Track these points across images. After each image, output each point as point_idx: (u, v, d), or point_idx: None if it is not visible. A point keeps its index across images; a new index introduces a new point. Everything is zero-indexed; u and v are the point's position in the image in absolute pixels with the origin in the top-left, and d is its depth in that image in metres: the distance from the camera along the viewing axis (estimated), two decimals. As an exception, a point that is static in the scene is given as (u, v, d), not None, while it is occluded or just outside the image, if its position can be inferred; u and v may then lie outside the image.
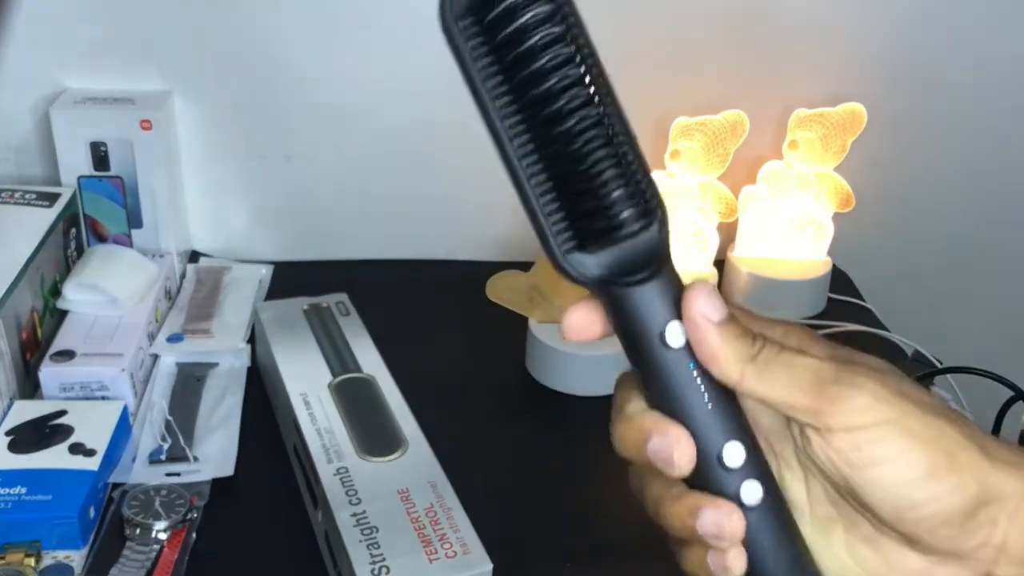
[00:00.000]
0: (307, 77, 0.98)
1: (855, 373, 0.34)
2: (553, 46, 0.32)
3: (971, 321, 1.19)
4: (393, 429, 0.70)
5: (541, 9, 0.31)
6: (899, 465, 0.33)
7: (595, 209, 0.33)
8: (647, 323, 0.34)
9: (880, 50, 1.04)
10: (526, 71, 0.32)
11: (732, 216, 1.03)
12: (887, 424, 0.33)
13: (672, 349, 0.34)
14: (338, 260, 1.06)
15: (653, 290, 0.34)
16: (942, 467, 0.33)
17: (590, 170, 0.32)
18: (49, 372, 0.77)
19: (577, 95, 0.32)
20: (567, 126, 0.32)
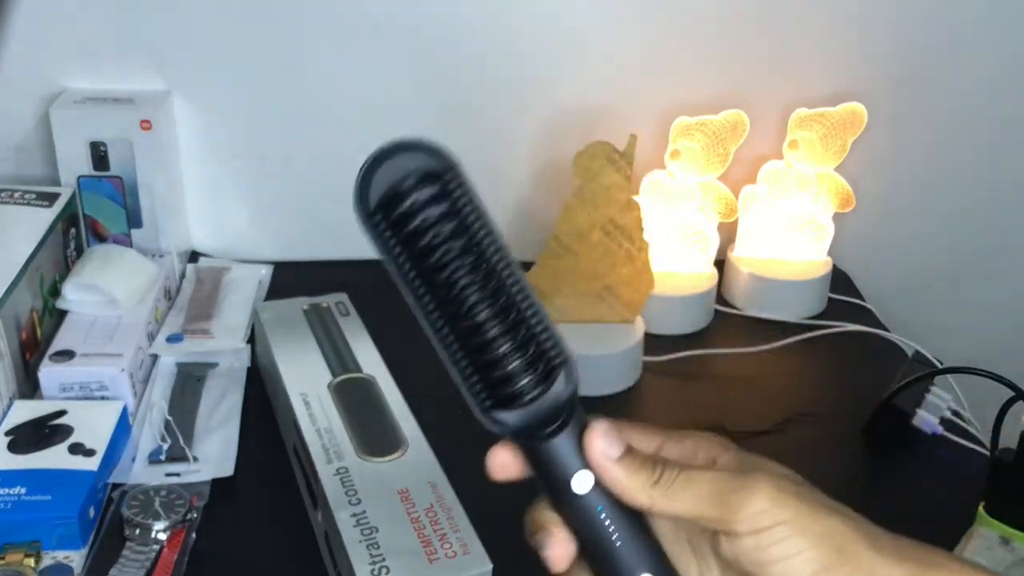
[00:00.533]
0: (307, 77, 0.98)
1: (754, 480, 0.38)
2: (444, 242, 0.36)
3: (971, 321, 1.19)
4: (393, 429, 0.70)
5: (434, 210, 0.35)
6: (796, 562, 0.37)
7: (499, 379, 0.37)
8: (557, 474, 0.38)
9: (880, 50, 1.04)
10: (426, 260, 0.36)
11: (732, 216, 1.03)
12: (784, 525, 0.37)
13: (580, 496, 0.38)
14: (338, 260, 1.06)
15: (560, 444, 0.38)
16: (833, 563, 0.37)
17: (487, 347, 0.36)
18: (49, 372, 0.77)
19: (465, 282, 0.36)
20: (461, 310, 0.36)
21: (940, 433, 0.82)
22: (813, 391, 0.92)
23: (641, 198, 0.97)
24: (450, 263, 0.36)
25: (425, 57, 0.97)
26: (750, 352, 0.94)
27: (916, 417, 0.82)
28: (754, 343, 0.96)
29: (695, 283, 0.99)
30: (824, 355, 0.97)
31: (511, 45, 0.99)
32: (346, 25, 0.95)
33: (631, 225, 0.91)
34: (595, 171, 0.90)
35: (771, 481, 0.38)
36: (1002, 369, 0.77)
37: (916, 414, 0.82)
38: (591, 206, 0.90)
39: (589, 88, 1.02)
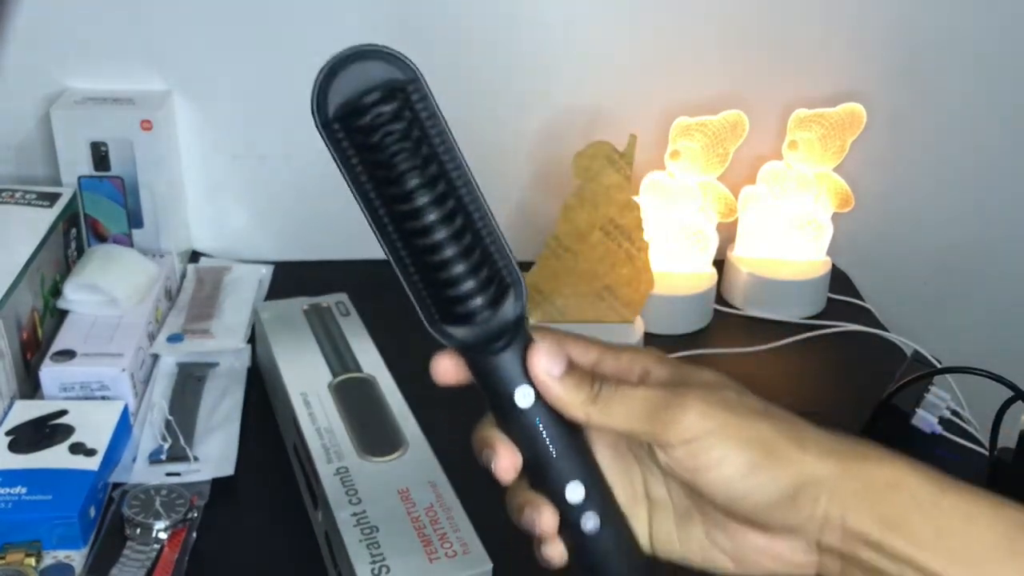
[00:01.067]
0: (307, 77, 0.97)
1: (683, 395, 0.40)
2: (402, 156, 0.36)
3: (971, 321, 1.19)
4: (393, 429, 0.70)
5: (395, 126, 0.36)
6: (725, 467, 0.40)
7: (448, 297, 0.38)
8: (500, 387, 0.40)
9: (880, 50, 1.04)
10: (384, 175, 0.36)
11: (732, 216, 1.03)
12: (711, 435, 0.40)
13: (521, 409, 0.40)
14: (338, 260, 1.06)
15: (505, 359, 0.40)
16: (760, 464, 0.40)
17: (442, 266, 0.37)
18: (49, 372, 0.77)
19: (425, 198, 0.36)
20: (418, 227, 0.37)
21: (939, 433, 0.83)
22: (812, 391, 0.92)
23: (641, 198, 0.97)
24: (408, 180, 0.36)
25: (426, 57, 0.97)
26: (749, 352, 0.95)
27: (915, 417, 0.82)
28: (753, 343, 0.96)
29: (695, 283, 0.99)
30: (823, 355, 0.97)
31: (511, 45, 0.99)
32: (347, 25, 0.96)
33: (631, 225, 0.91)
34: (595, 171, 0.90)
35: (699, 395, 0.40)
36: (1001, 369, 0.77)
37: (915, 414, 0.82)
38: (591, 206, 0.90)
39: (589, 88, 1.02)
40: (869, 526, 0.39)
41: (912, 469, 0.40)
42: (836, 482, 0.39)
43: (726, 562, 0.44)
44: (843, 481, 0.40)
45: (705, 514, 0.44)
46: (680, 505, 0.44)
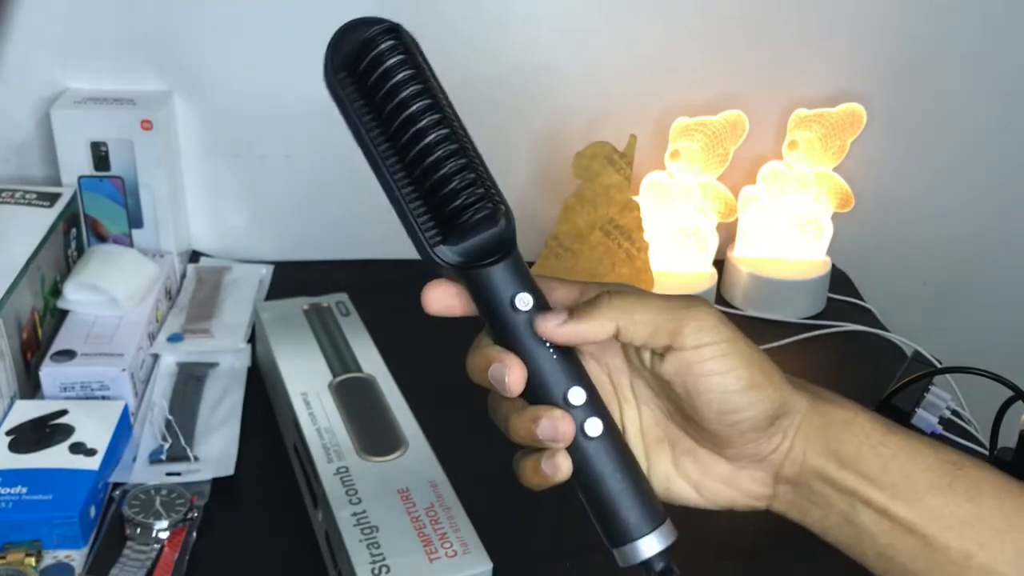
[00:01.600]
0: (307, 77, 0.97)
1: (697, 305, 0.43)
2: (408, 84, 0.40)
3: (971, 321, 1.19)
4: (393, 429, 0.70)
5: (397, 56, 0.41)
6: (730, 377, 0.42)
7: (455, 209, 0.41)
8: (500, 294, 0.43)
9: (880, 50, 1.04)
10: (389, 106, 0.40)
11: (732, 216, 1.03)
12: (725, 342, 0.42)
13: (521, 312, 0.43)
14: (338, 260, 1.06)
15: (503, 269, 0.43)
16: (759, 382, 0.43)
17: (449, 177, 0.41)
18: (49, 372, 0.77)
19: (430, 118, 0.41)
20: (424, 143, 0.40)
21: (939, 433, 0.83)
22: (813, 391, 0.92)
23: (641, 198, 0.98)
24: (414, 103, 0.40)
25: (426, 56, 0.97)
26: (750, 352, 0.94)
27: (915, 417, 0.82)
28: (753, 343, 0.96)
29: (694, 283, 0.99)
30: (823, 355, 0.97)
31: (511, 46, 0.99)
32: (346, 25, 0.96)
33: (631, 225, 0.91)
34: (595, 171, 0.90)
35: (712, 308, 0.43)
36: (1001, 369, 0.77)
37: (915, 414, 0.82)
38: (591, 206, 0.90)
39: (589, 88, 1.02)
40: (825, 460, 0.43)
41: (864, 411, 0.45)
42: (806, 416, 0.44)
43: (688, 491, 0.47)
44: (810, 416, 0.44)
45: (675, 442, 0.47)
46: (651, 435, 0.47)
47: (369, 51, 0.41)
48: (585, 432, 0.43)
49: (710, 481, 0.46)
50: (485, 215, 0.41)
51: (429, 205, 0.41)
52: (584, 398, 0.43)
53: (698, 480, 0.46)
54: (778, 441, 0.44)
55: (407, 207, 0.41)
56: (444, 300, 0.44)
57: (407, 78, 0.40)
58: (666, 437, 0.47)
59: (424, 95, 0.41)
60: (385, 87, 0.40)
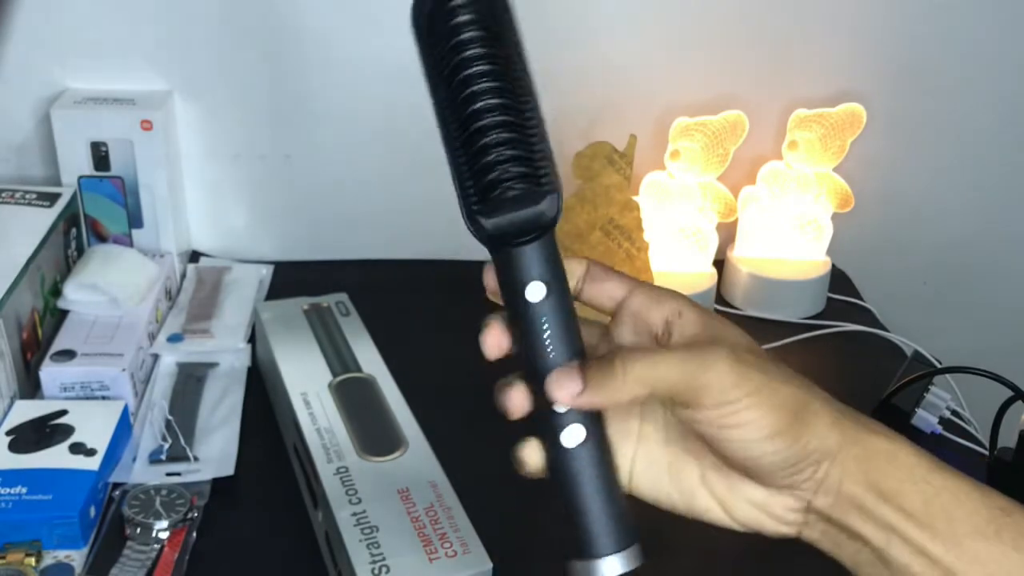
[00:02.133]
0: (307, 77, 0.98)
1: (716, 357, 0.40)
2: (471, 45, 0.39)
3: (971, 321, 1.19)
4: (393, 429, 0.70)
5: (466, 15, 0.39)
6: (751, 428, 0.40)
7: (490, 181, 0.40)
8: (516, 279, 0.42)
9: (880, 50, 1.04)
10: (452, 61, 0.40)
11: (732, 216, 1.03)
12: (746, 398, 0.40)
13: (530, 304, 0.42)
14: (338, 260, 1.06)
15: (527, 253, 0.41)
16: (783, 428, 0.40)
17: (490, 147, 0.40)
18: (49, 372, 0.77)
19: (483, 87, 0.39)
20: (473, 108, 0.39)
21: (939, 433, 0.83)
22: (813, 391, 0.92)
23: (641, 198, 0.97)
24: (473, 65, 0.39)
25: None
26: (750, 352, 0.94)
27: (915, 417, 0.82)
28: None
29: (694, 283, 0.99)
30: (823, 355, 0.97)
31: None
32: (347, 25, 0.96)
33: (631, 225, 0.91)
34: (595, 171, 0.90)
35: (733, 356, 0.41)
36: (1001, 369, 0.77)
37: (915, 414, 0.82)
38: (591, 206, 0.90)
39: (589, 89, 1.02)
40: (863, 492, 0.41)
41: (909, 445, 0.42)
42: (840, 449, 0.41)
43: (715, 508, 0.44)
44: (846, 447, 0.41)
45: (704, 458, 0.44)
46: (678, 447, 0.45)
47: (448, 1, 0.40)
48: (559, 440, 0.42)
49: (739, 502, 0.44)
50: (516, 194, 0.40)
51: (472, 171, 0.40)
52: None
53: (726, 499, 0.44)
54: (810, 472, 0.41)
55: (454, 165, 0.41)
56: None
57: (472, 38, 0.39)
58: (693, 449, 0.45)
59: (486, 59, 0.39)
60: (451, 41, 0.40)
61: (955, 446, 0.83)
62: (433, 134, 0.42)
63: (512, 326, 0.43)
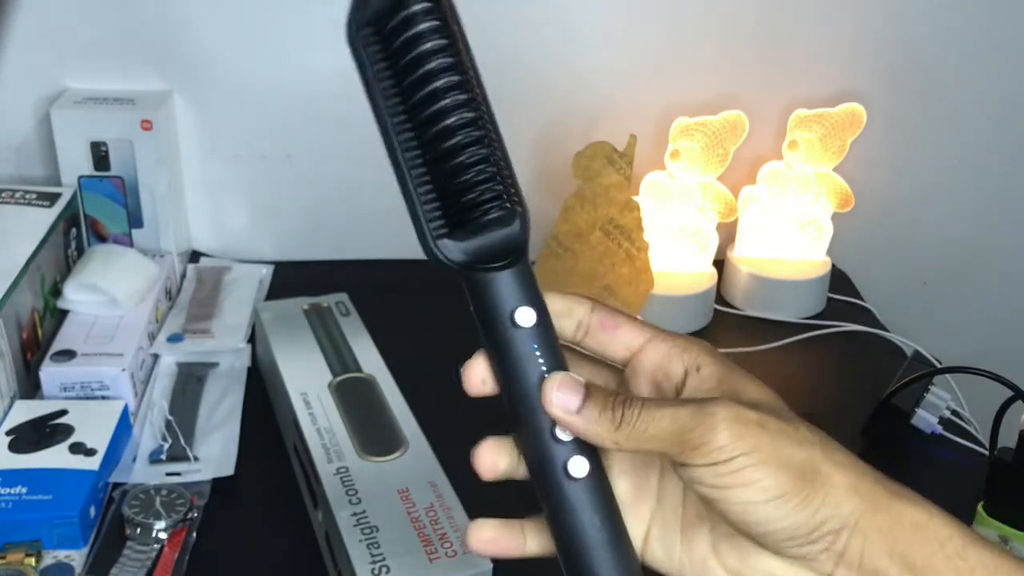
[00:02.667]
0: (307, 76, 0.98)
1: (713, 414, 0.37)
2: (437, 55, 0.36)
3: (971, 321, 1.19)
4: (393, 429, 0.70)
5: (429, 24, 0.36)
6: (752, 490, 0.36)
7: (467, 203, 0.37)
8: (500, 305, 0.39)
9: (880, 50, 1.04)
10: (414, 75, 0.36)
11: (732, 216, 1.03)
12: (743, 457, 0.36)
13: (520, 328, 0.39)
14: (338, 260, 1.06)
15: (508, 277, 0.38)
16: (789, 490, 0.36)
17: (465, 167, 0.37)
18: (49, 372, 0.77)
19: (456, 99, 0.36)
20: (445, 124, 0.36)
21: (939, 433, 0.83)
22: (812, 391, 0.92)
23: (641, 198, 0.97)
24: (441, 78, 0.36)
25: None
26: (749, 352, 0.95)
27: (915, 417, 0.82)
28: (753, 343, 0.96)
29: (695, 283, 0.99)
30: (823, 355, 0.97)
31: (511, 45, 0.99)
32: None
33: (631, 225, 0.91)
34: (595, 171, 0.90)
35: (732, 413, 0.37)
36: (1001, 369, 0.77)
37: (915, 414, 0.82)
38: (591, 206, 0.90)
39: (589, 89, 1.02)
40: (888, 565, 0.37)
41: (940, 514, 0.38)
42: (860, 517, 0.37)
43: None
44: (868, 516, 0.37)
45: (717, 524, 0.41)
46: (691, 511, 0.42)
47: (402, 9, 0.36)
48: (567, 471, 0.39)
49: (752, 574, 0.40)
50: (499, 216, 0.37)
51: (440, 193, 0.37)
52: None
53: (738, 570, 0.40)
54: (827, 543, 0.37)
55: (415, 191, 0.37)
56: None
57: (437, 48, 0.36)
58: (707, 517, 0.41)
59: (453, 71, 0.36)
60: (412, 53, 0.36)
61: (955, 446, 0.83)
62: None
63: (496, 358, 0.40)
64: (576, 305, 0.41)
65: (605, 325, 0.41)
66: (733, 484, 0.37)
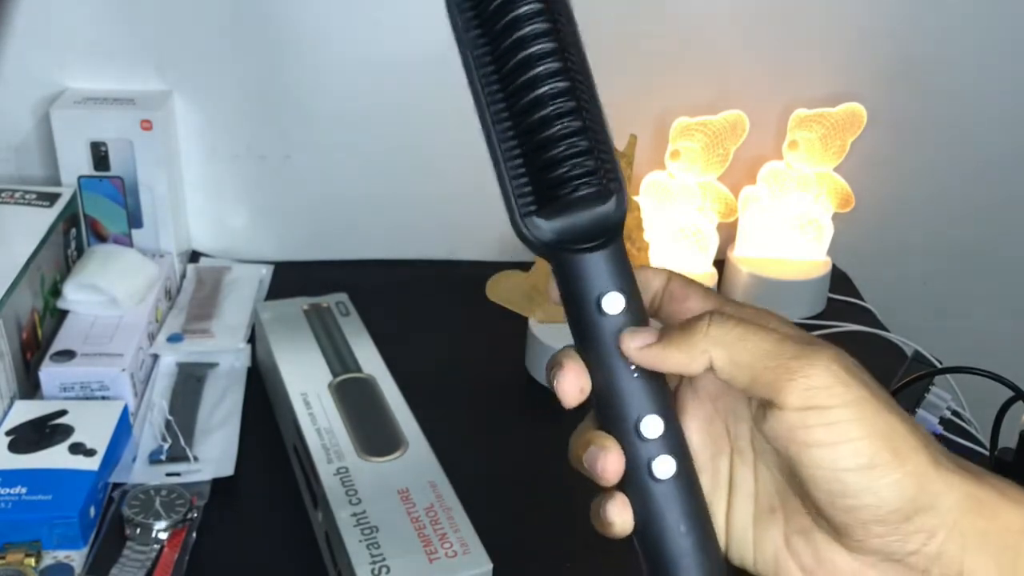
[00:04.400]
0: (307, 77, 0.98)
1: (818, 353, 0.34)
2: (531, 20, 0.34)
3: (971, 321, 1.19)
4: (393, 429, 0.70)
5: None
6: (843, 451, 0.33)
7: (556, 178, 0.35)
8: (587, 289, 0.36)
9: (880, 50, 1.04)
10: (507, 41, 0.34)
11: (732, 216, 1.03)
12: (841, 408, 0.33)
13: (607, 316, 0.36)
14: (338, 260, 1.06)
15: (598, 260, 0.36)
16: (884, 461, 0.33)
17: (556, 139, 0.34)
18: (49, 372, 0.77)
19: (548, 67, 0.34)
20: (536, 93, 0.34)
21: (940, 433, 0.83)
22: (813, 391, 0.92)
23: (641, 198, 0.97)
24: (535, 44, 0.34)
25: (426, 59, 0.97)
26: (750, 352, 0.94)
27: (916, 417, 0.82)
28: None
29: (695, 283, 0.99)
30: (824, 355, 0.97)
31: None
32: (347, 25, 0.96)
33: (631, 225, 0.91)
34: (595, 171, 0.90)
35: (839, 360, 0.34)
36: (1002, 369, 0.77)
37: (916, 414, 0.82)
38: (591, 206, 0.90)
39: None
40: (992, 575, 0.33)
41: None
42: (962, 516, 0.33)
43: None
44: (970, 517, 0.33)
45: (792, 515, 0.37)
46: (765, 500, 0.38)
47: None
48: (652, 472, 0.36)
49: (828, 572, 0.36)
50: (589, 192, 0.35)
51: (531, 167, 0.35)
52: (661, 430, 0.36)
53: (812, 569, 0.36)
54: (919, 542, 0.33)
55: (504, 164, 0.35)
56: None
57: (532, 12, 0.34)
58: (781, 507, 0.38)
59: (548, 37, 0.34)
60: (506, 18, 0.34)
61: (955, 446, 0.83)
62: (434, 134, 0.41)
63: (583, 347, 0.37)
64: (653, 277, 0.39)
65: (674, 295, 0.39)
66: (825, 440, 0.33)
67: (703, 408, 0.39)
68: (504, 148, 0.35)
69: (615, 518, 0.37)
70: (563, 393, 0.37)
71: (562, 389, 0.37)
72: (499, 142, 0.35)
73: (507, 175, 0.35)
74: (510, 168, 0.35)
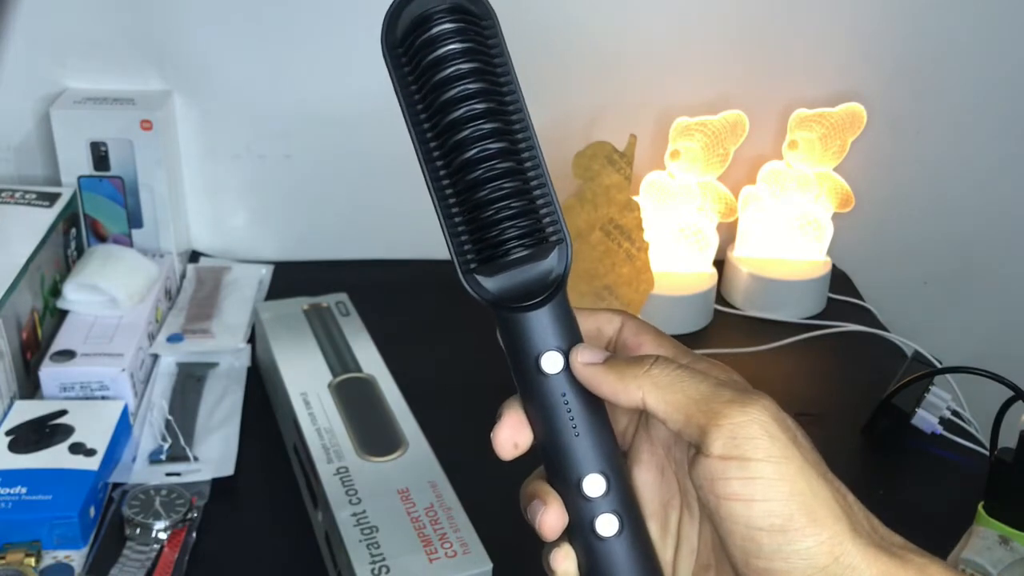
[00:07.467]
0: (307, 77, 0.98)
1: (753, 403, 0.33)
2: (459, 82, 0.34)
3: (971, 321, 1.19)
4: (393, 429, 0.70)
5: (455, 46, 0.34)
6: (757, 509, 0.32)
7: (492, 239, 0.35)
8: (526, 348, 0.36)
9: (880, 50, 1.04)
10: (437, 101, 0.34)
11: (732, 216, 1.03)
12: (764, 462, 0.32)
13: (547, 376, 0.36)
14: (338, 260, 1.06)
15: (539, 318, 0.36)
16: (798, 526, 0.32)
17: (487, 203, 0.34)
18: (49, 372, 0.77)
19: (477, 132, 0.34)
20: (469, 155, 0.34)
21: (939, 433, 0.83)
22: (812, 391, 0.92)
23: (641, 198, 0.97)
24: (461, 107, 0.34)
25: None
26: (749, 352, 0.95)
27: (916, 417, 0.82)
28: (754, 343, 0.96)
29: (695, 283, 0.99)
30: (824, 355, 0.97)
31: (510, 45, 0.99)
32: (347, 24, 0.96)
33: (631, 225, 0.91)
34: (595, 171, 0.90)
35: (771, 412, 0.33)
36: (1002, 369, 0.77)
37: (916, 414, 0.82)
38: (591, 206, 0.90)
39: (589, 88, 1.02)
40: None
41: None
42: None
43: None
44: None
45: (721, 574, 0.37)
46: (704, 554, 0.38)
47: (424, 30, 0.34)
48: (595, 530, 0.36)
49: None
50: (523, 255, 0.35)
51: (470, 225, 0.35)
52: (603, 489, 0.36)
53: None
54: None
55: (444, 221, 0.35)
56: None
57: (459, 74, 0.34)
58: (716, 566, 0.37)
59: (478, 97, 0.34)
60: (434, 78, 0.34)
61: (955, 446, 0.83)
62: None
63: (525, 402, 0.37)
64: (606, 324, 0.39)
65: (628, 344, 0.39)
66: (741, 494, 0.32)
67: (656, 456, 0.39)
68: (443, 206, 0.35)
69: (558, 567, 0.37)
70: (497, 447, 0.37)
71: (496, 443, 0.37)
72: (438, 200, 0.35)
73: (447, 232, 0.35)
74: (449, 226, 0.35)
